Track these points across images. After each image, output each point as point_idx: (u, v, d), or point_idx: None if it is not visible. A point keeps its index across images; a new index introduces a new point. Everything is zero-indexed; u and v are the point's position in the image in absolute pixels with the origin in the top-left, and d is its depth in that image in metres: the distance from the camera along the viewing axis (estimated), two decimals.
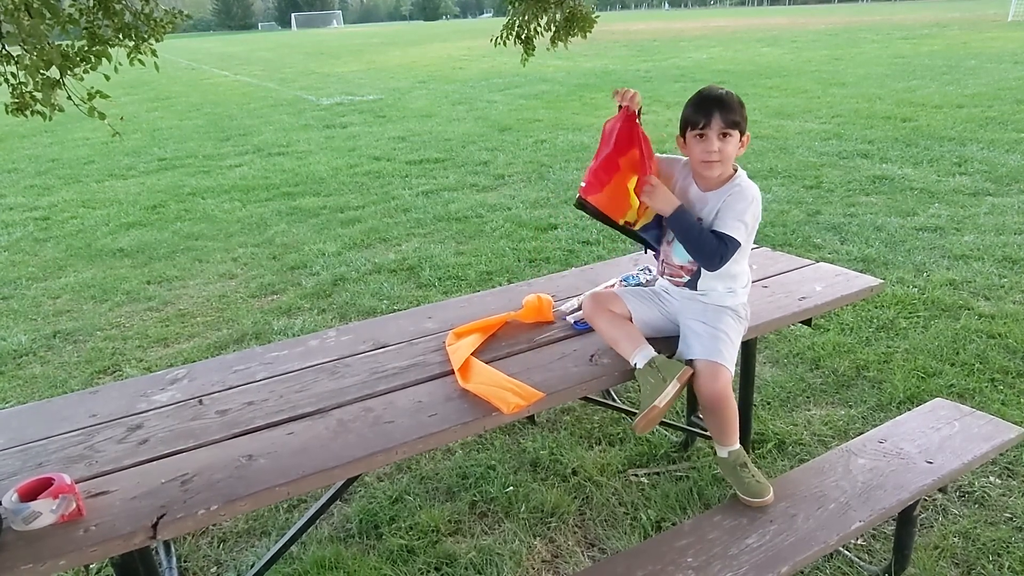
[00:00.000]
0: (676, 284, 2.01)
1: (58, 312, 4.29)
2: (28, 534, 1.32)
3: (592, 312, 1.99)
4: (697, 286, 1.96)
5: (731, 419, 1.86)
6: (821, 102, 10.50)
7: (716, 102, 1.81)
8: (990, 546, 2.17)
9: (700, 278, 1.95)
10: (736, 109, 1.82)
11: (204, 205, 6.65)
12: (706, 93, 1.85)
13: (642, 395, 1.81)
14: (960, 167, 6.44)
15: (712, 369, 1.81)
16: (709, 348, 1.85)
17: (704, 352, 1.84)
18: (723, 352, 1.84)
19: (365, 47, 33.67)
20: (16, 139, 11.11)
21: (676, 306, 2.02)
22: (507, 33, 3.94)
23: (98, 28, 2.77)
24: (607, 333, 1.94)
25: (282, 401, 1.76)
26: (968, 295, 3.83)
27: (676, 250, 1.97)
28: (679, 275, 2.00)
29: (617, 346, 1.90)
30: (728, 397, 1.82)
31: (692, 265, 1.95)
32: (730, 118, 1.80)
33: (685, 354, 1.90)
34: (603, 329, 1.95)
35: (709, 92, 1.84)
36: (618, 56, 20.78)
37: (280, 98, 15.16)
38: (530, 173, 7.21)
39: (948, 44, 18.86)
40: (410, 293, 4.29)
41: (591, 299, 2.02)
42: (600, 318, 1.96)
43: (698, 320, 1.93)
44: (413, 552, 2.25)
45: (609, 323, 1.94)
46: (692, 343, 1.90)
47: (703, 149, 1.83)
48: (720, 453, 1.91)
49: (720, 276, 1.93)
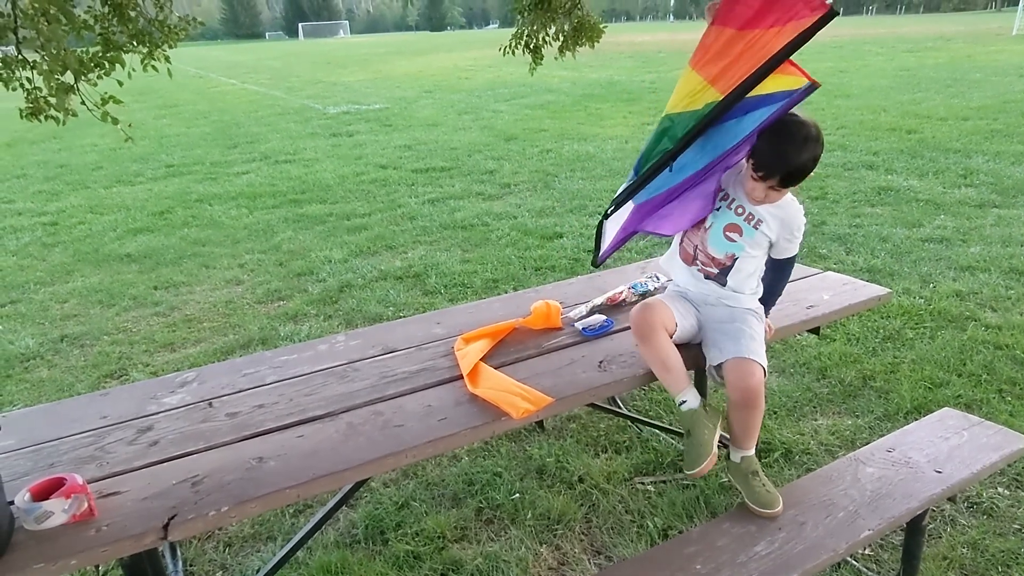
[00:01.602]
0: (706, 275, 1.96)
1: (65, 316, 4.30)
2: (40, 534, 1.32)
3: (644, 328, 1.86)
4: (727, 282, 1.94)
5: (759, 418, 1.85)
6: (826, 114, 10.52)
7: (798, 174, 1.72)
8: (999, 557, 2.15)
9: (731, 273, 1.92)
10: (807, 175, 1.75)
11: (211, 211, 6.68)
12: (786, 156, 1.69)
13: (694, 438, 1.79)
14: (966, 179, 6.44)
15: (746, 366, 1.80)
16: (741, 347, 1.83)
17: (736, 351, 1.83)
18: (755, 349, 1.83)
19: (371, 57, 33.87)
20: (25, 145, 11.20)
21: (704, 313, 1.98)
22: (516, 42, 3.98)
23: (113, 34, 2.80)
24: (655, 357, 1.85)
25: (292, 404, 1.76)
26: (975, 306, 3.83)
27: (713, 238, 1.91)
28: (711, 266, 1.94)
29: (664, 375, 1.85)
30: (761, 394, 1.81)
31: (728, 260, 1.91)
32: (796, 183, 1.77)
33: (716, 359, 1.87)
34: (653, 351, 1.85)
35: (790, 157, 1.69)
36: (623, 67, 20.86)
37: (287, 106, 15.25)
38: (536, 182, 7.23)
39: (953, 57, 18.89)
40: (416, 300, 4.30)
41: (643, 311, 1.88)
42: (654, 339, 1.85)
43: (724, 323, 1.92)
44: (419, 558, 2.25)
45: (660, 348, 1.84)
46: (723, 345, 1.87)
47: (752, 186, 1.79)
48: (734, 457, 1.89)
49: (753, 274, 1.94)
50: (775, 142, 1.70)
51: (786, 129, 1.69)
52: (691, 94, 1.71)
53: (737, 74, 1.61)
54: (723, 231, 1.89)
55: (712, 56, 1.66)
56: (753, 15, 1.58)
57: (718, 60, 1.65)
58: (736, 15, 1.61)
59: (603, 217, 2.01)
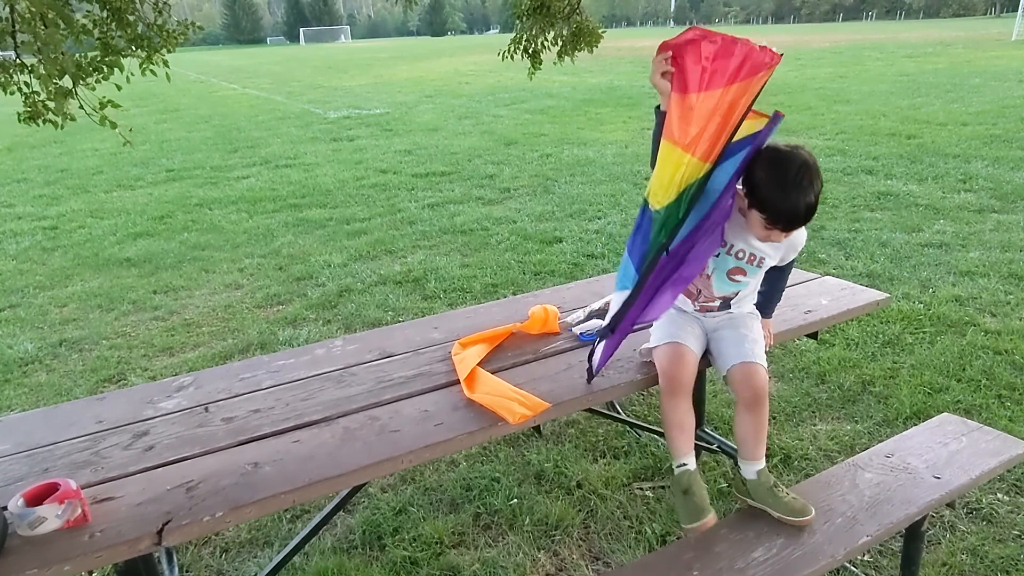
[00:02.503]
0: (708, 309, 1.96)
1: (64, 321, 4.30)
2: (34, 539, 1.32)
3: (674, 385, 1.84)
4: (731, 307, 1.95)
5: (766, 421, 1.85)
6: (825, 119, 10.53)
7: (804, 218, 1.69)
8: (998, 563, 2.14)
9: (734, 301, 1.94)
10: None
11: (211, 216, 6.69)
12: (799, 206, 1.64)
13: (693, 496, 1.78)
14: (965, 184, 6.44)
15: (751, 369, 1.82)
16: (744, 351, 1.86)
17: (740, 356, 1.85)
18: (757, 352, 1.86)
19: (372, 62, 33.95)
20: (26, 149, 11.21)
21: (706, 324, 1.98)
22: (515, 47, 3.98)
23: (111, 38, 2.81)
24: (675, 417, 1.84)
25: (288, 409, 1.76)
26: (974, 311, 3.82)
27: (718, 283, 1.90)
28: (713, 301, 1.94)
29: (676, 435, 1.84)
30: (767, 396, 1.83)
31: (731, 293, 1.92)
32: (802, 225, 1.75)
33: (723, 367, 1.88)
34: (676, 412, 1.83)
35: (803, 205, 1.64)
36: (623, 72, 20.90)
37: (288, 111, 15.28)
38: (535, 187, 7.23)
39: (952, 62, 18.93)
40: (415, 304, 4.30)
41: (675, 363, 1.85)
42: (680, 400, 1.83)
43: (726, 329, 1.93)
44: (416, 564, 2.24)
45: (683, 411, 1.83)
46: (728, 352, 1.89)
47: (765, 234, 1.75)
48: (748, 474, 1.83)
49: (754, 292, 1.96)
50: (782, 193, 1.64)
51: (786, 174, 1.64)
52: (674, 174, 1.63)
53: (712, 135, 1.59)
54: (727, 275, 1.88)
55: (681, 124, 1.62)
56: (712, 76, 1.57)
57: (688, 126, 1.61)
58: (695, 79, 1.60)
59: (600, 338, 1.85)
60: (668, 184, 1.64)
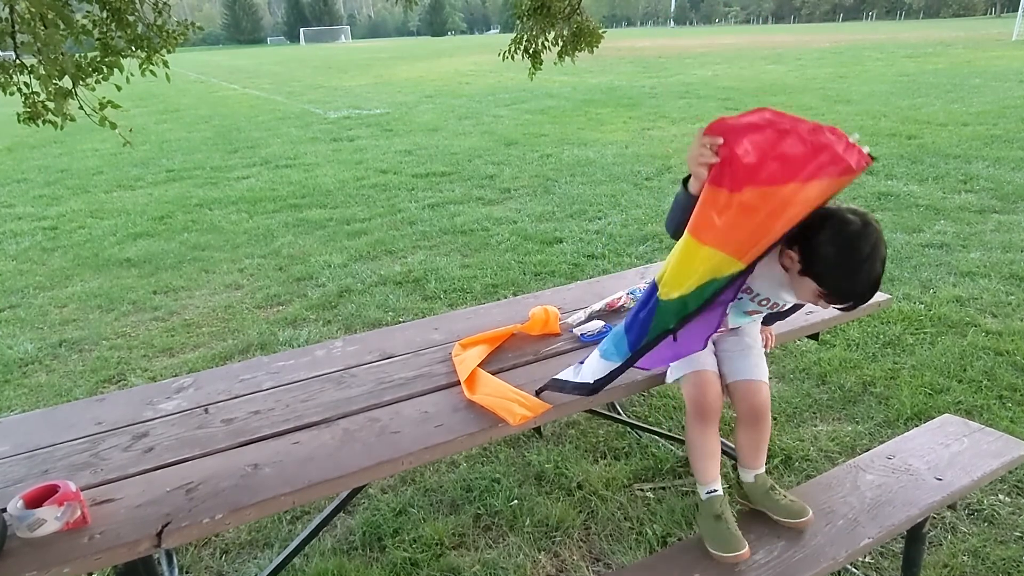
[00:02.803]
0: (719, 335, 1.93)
1: (64, 321, 4.30)
2: (33, 541, 1.32)
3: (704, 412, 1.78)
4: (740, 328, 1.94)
5: (768, 434, 1.85)
6: (826, 119, 10.44)
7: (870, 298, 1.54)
8: (1000, 565, 2.14)
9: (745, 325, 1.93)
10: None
11: (211, 216, 6.68)
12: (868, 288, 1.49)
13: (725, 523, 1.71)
14: (966, 184, 6.44)
15: (755, 387, 1.82)
16: (748, 366, 1.85)
17: (744, 372, 1.84)
18: (761, 367, 1.85)
19: (373, 62, 33.95)
20: (26, 149, 11.21)
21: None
22: (515, 47, 3.98)
23: (111, 39, 2.80)
24: (703, 446, 1.79)
25: (288, 410, 1.76)
26: (975, 312, 3.82)
27: (734, 319, 1.85)
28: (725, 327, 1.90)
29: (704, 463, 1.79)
30: (768, 412, 1.82)
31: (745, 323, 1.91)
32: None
33: (726, 377, 1.87)
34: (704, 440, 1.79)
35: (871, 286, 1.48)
36: (624, 72, 20.90)
37: (288, 111, 15.27)
38: (536, 187, 7.23)
39: (952, 62, 18.92)
40: (416, 305, 4.29)
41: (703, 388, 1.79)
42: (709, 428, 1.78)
43: (729, 339, 1.92)
44: (417, 565, 2.24)
45: (712, 439, 1.79)
46: (732, 364, 1.87)
47: (814, 300, 1.59)
48: (746, 478, 1.84)
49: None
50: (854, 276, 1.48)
51: (859, 254, 1.46)
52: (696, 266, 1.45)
53: (753, 234, 1.38)
54: (743, 313, 1.83)
55: (710, 219, 1.40)
56: (770, 168, 1.34)
57: (721, 222, 1.39)
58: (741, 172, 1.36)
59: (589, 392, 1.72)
60: (686, 275, 1.47)
